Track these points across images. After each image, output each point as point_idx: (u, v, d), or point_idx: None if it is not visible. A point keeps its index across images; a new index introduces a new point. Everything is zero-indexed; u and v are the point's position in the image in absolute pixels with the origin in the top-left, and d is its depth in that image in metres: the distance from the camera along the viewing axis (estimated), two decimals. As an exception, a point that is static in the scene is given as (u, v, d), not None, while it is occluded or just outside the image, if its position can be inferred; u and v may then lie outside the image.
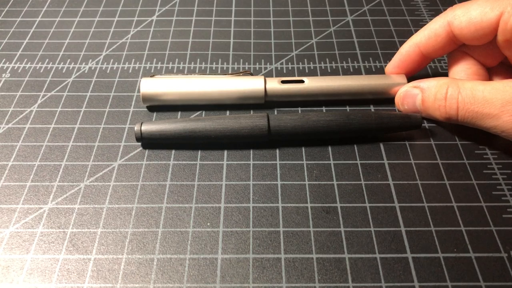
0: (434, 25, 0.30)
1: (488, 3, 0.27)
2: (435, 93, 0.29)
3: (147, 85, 0.32)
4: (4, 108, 0.33)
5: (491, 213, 0.27)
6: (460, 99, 0.27)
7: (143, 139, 0.30)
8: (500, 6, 0.27)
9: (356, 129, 0.30)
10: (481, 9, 0.27)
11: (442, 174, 0.29)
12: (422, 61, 0.32)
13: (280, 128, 0.29)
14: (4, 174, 0.29)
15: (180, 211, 0.27)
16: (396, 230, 0.26)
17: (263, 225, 0.26)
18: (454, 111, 0.28)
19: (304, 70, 0.36)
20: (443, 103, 0.28)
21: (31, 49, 0.38)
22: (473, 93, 0.27)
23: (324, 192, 0.28)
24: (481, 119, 0.27)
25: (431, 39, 0.30)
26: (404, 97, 0.31)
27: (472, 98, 0.27)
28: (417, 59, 0.32)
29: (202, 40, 0.38)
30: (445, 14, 0.29)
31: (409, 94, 0.31)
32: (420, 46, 0.31)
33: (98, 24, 0.40)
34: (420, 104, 0.30)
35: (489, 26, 0.27)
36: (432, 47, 0.30)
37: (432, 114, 0.29)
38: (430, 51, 0.31)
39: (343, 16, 0.41)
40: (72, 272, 0.24)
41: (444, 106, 0.28)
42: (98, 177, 0.29)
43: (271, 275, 0.24)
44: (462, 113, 0.27)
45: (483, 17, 0.27)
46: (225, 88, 0.32)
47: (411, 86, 0.31)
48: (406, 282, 0.24)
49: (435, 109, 0.29)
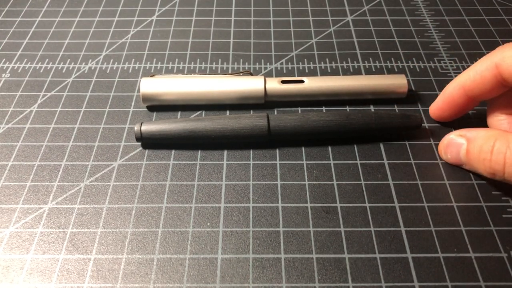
0: (481, 66, 0.27)
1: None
2: (481, 145, 0.26)
3: (147, 85, 0.32)
4: (4, 108, 0.33)
5: (491, 213, 0.27)
6: (508, 154, 0.25)
7: (143, 139, 0.30)
8: None
9: (356, 129, 0.30)
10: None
11: (442, 174, 0.29)
12: (468, 103, 0.29)
13: (280, 128, 0.29)
14: (4, 174, 0.29)
15: (180, 211, 0.27)
16: (396, 230, 0.26)
17: (263, 225, 0.26)
18: (500, 166, 0.25)
19: (304, 70, 0.36)
20: (488, 157, 0.26)
21: (31, 49, 0.38)
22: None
23: (324, 192, 0.28)
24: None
25: (477, 81, 0.27)
26: (448, 146, 0.29)
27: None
28: (462, 101, 0.29)
29: (202, 40, 0.38)
30: (493, 54, 0.27)
31: (454, 143, 0.28)
32: (465, 87, 0.28)
33: (98, 24, 0.40)
34: (465, 155, 0.27)
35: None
36: (479, 89, 0.28)
37: (476, 167, 0.27)
38: (475, 94, 0.28)
39: (343, 16, 0.41)
40: (72, 272, 0.24)
41: (490, 160, 0.25)
42: (98, 177, 0.29)
43: (271, 275, 0.24)
44: (510, 170, 0.25)
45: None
46: (225, 88, 0.32)
47: (457, 135, 0.28)
48: (406, 282, 0.24)
49: (479, 162, 0.26)
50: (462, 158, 0.28)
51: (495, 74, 0.26)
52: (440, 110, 0.30)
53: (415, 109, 0.32)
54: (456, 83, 0.29)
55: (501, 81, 0.26)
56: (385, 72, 0.35)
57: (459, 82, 0.29)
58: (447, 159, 0.29)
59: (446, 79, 0.34)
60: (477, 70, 0.27)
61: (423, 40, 0.38)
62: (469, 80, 0.28)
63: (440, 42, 0.38)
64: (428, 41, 0.38)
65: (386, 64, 0.36)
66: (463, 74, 0.29)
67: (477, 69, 0.27)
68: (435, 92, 0.33)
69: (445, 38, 0.38)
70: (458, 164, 0.29)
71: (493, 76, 0.27)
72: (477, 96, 0.28)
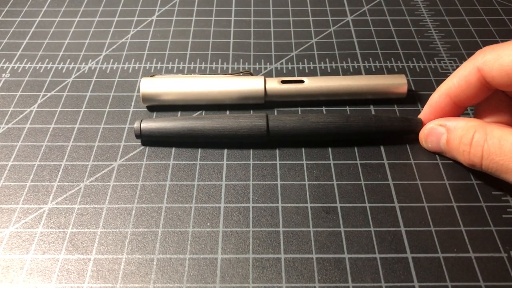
0: (463, 71, 0.27)
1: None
2: (461, 136, 0.26)
3: (147, 85, 0.32)
4: (4, 108, 0.33)
5: (491, 213, 0.27)
6: (485, 148, 0.25)
7: (142, 136, 0.30)
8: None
9: (356, 132, 0.29)
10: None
11: (442, 174, 0.29)
12: (455, 111, 0.29)
13: (279, 128, 0.29)
14: (4, 174, 0.29)
15: (180, 211, 0.27)
16: (396, 230, 0.26)
17: (263, 225, 0.26)
18: (478, 159, 0.25)
19: (304, 70, 0.36)
20: (467, 149, 0.26)
21: (31, 49, 0.38)
22: (501, 143, 0.24)
23: (324, 192, 0.28)
24: (505, 172, 0.24)
25: (461, 87, 0.27)
26: (428, 135, 0.29)
27: (499, 149, 0.24)
28: (449, 109, 0.29)
29: (202, 40, 0.38)
30: (474, 58, 0.26)
31: (434, 132, 0.28)
32: (451, 95, 0.28)
33: (98, 24, 0.40)
34: (445, 145, 0.28)
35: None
36: (464, 95, 0.27)
37: (456, 157, 0.27)
38: (462, 100, 0.28)
39: (343, 16, 0.41)
40: (72, 272, 0.24)
41: (469, 152, 0.26)
42: (98, 177, 0.29)
43: (271, 275, 0.24)
44: (486, 162, 0.25)
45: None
46: (225, 88, 0.32)
47: (437, 124, 0.28)
48: (406, 282, 0.24)
49: (459, 153, 0.27)
50: (443, 147, 0.28)
51: (479, 77, 0.26)
52: (428, 120, 0.30)
53: (415, 109, 0.32)
54: (441, 92, 0.29)
55: (485, 84, 0.26)
56: (385, 72, 0.35)
57: (443, 90, 0.28)
58: (427, 148, 0.29)
59: (446, 79, 0.34)
60: (461, 76, 0.27)
61: (423, 40, 0.38)
62: (454, 87, 0.28)
63: (440, 42, 0.38)
64: (428, 41, 0.38)
65: (386, 64, 0.36)
66: (446, 82, 0.28)
67: (460, 74, 0.27)
68: (435, 92, 0.33)
69: (445, 38, 0.38)
70: (438, 152, 0.29)
71: (477, 80, 0.26)
72: (464, 101, 0.28)
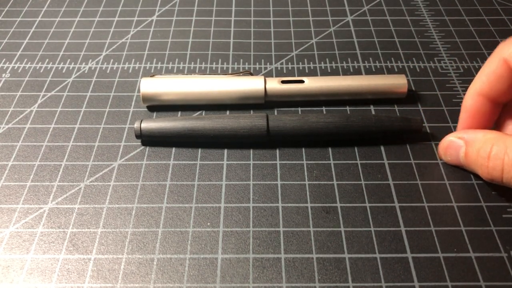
0: (490, 66, 0.26)
1: None
2: (479, 149, 0.25)
3: (147, 85, 0.32)
4: (4, 108, 0.33)
5: (491, 213, 0.27)
6: (506, 161, 0.23)
7: (142, 136, 0.30)
8: None
9: (356, 132, 0.29)
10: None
11: (442, 174, 0.29)
12: (492, 111, 0.27)
13: (279, 128, 0.29)
14: (4, 174, 0.29)
15: (180, 211, 0.27)
16: (396, 230, 0.26)
17: (263, 225, 0.26)
18: (498, 173, 0.24)
19: (304, 70, 0.36)
20: (485, 162, 0.24)
21: (31, 49, 0.38)
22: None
23: (324, 192, 0.28)
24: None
25: (492, 82, 0.26)
26: (448, 148, 0.28)
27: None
28: (485, 109, 0.27)
29: (202, 40, 0.38)
30: (499, 51, 0.26)
31: (453, 145, 0.27)
32: (483, 93, 0.27)
33: (98, 24, 0.40)
34: (463, 158, 0.27)
35: None
36: (497, 90, 0.26)
37: (475, 170, 0.26)
38: (495, 96, 0.26)
39: (343, 16, 0.41)
40: (72, 272, 0.24)
41: (487, 166, 0.24)
42: (98, 177, 0.29)
43: (271, 275, 0.24)
44: (508, 176, 0.24)
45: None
46: (225, 88, 0.32)
47: (456, 136, 0.27)
48: (406, 282, 0.24)
49: (477, 167, 0.25)
50: (461, 161, 0.27)
51: (507, 68, 0.25)
52: (468, 128, 0.28)
53: (415, 109, 0.32)
54: (472, 94, 0.27)
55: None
56: (385, 72, 0.35)
57: (474, 91, 0.27)
58: (447, 161, 0.29)
59: (446, 79, 0.35)
60: (489, 72, 0.26)
61: (423, 40, 0.38)
62: (484, 84, 0.27)
63: (440, 42, 0.38)
64: (428, 41, 0.38)
65: (386, 64, 0.36)
66: (475, 82, 0.27)
67: (488, 71, 0.26)
68: (435, 92, 0.33)
69: (445, 38, 0.38)
70: (458, 165, 0.28)
71: (506, 71, 0.25)
72: (498, 97, 0.27)
